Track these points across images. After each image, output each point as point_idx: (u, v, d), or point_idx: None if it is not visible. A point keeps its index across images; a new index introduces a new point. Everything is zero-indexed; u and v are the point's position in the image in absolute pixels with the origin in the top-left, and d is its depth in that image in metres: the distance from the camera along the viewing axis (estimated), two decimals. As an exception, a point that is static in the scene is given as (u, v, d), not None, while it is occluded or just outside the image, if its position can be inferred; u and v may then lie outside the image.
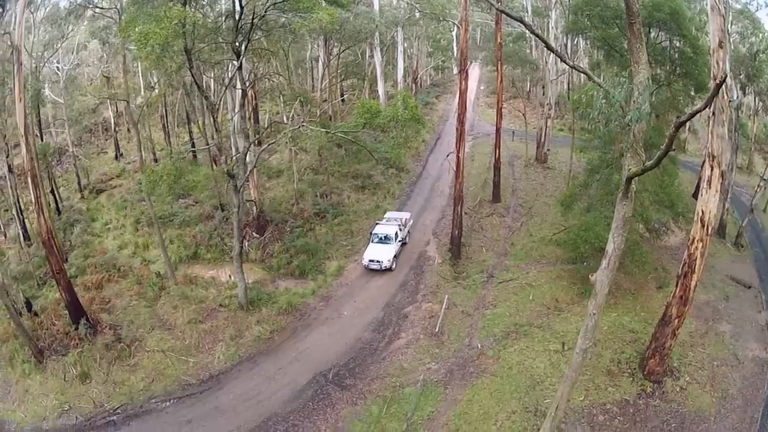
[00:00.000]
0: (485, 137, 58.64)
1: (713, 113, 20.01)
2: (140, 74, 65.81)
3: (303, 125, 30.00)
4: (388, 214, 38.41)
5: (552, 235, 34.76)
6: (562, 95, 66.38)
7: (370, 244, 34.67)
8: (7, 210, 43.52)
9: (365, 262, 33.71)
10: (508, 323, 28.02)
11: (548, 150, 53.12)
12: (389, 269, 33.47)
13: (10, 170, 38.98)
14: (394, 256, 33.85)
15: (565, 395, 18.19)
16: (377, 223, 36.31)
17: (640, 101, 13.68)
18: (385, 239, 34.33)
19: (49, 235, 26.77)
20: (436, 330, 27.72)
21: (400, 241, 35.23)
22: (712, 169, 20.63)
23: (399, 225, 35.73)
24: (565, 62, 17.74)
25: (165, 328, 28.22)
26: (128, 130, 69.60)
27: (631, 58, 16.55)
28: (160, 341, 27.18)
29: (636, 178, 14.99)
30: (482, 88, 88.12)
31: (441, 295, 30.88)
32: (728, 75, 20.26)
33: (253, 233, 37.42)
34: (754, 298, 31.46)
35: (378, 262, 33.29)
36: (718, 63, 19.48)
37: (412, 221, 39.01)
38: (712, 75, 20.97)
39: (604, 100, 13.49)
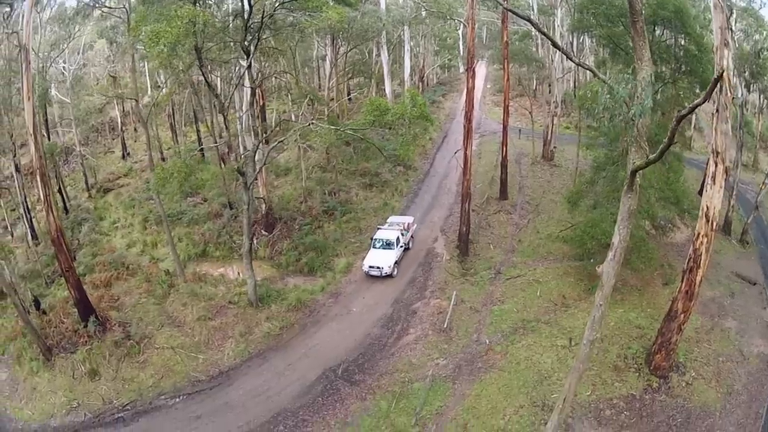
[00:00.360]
0: (492, 135, 58.70)
1: (717, 110, 20.00)
2: (147, 73, 66.19)
3: (312, 123, 30.16)
4: (390, 219, 37.79)
5: (559, 231, 34.83)
6: (568, 93, 66.29)
7: (371, 249, 33.93)
8: (14, 209, 43.92)
9: (365, 268, 33.01)
10: (516, 319, 28.15)
11: (555, 148, 53.11)
12: (390, 276, 32.79)
13: (17, 169, 39.33)
14: (396, 262, 33.18)
15: (573, 388, 18.34)
16: (378, 228, 35.66)
17: (643, 97, 13.87)
18: (386, 245, 33.56)
19: (58, 233, 27.02)
20: (445, 326, 27.88)
21: (402, 246, 34.51)
22: (716, 166, 20.64)
23: (401, 230, 34.83)
24: (571, 60, 17.95)
25: (174, 325, 28.47)
26: (135, 129, 70.22)
27: (634, 55, 16.76)
28: (170, 338, 27.44)
29: (641, 172, 15.20)
30: (489, 86, 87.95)
31: (449, 291, 30.99)
32: (729, 71, 20.23)
33: (262, 231, 37.65)
34: (759, 295, 31.41)
35: (378, 268, 32.56)
36: (721, 60, 19.55)
37: (415, 226, 38.03)
38: (715, 72, 21.03)
39: (608, 96, 13.66)
